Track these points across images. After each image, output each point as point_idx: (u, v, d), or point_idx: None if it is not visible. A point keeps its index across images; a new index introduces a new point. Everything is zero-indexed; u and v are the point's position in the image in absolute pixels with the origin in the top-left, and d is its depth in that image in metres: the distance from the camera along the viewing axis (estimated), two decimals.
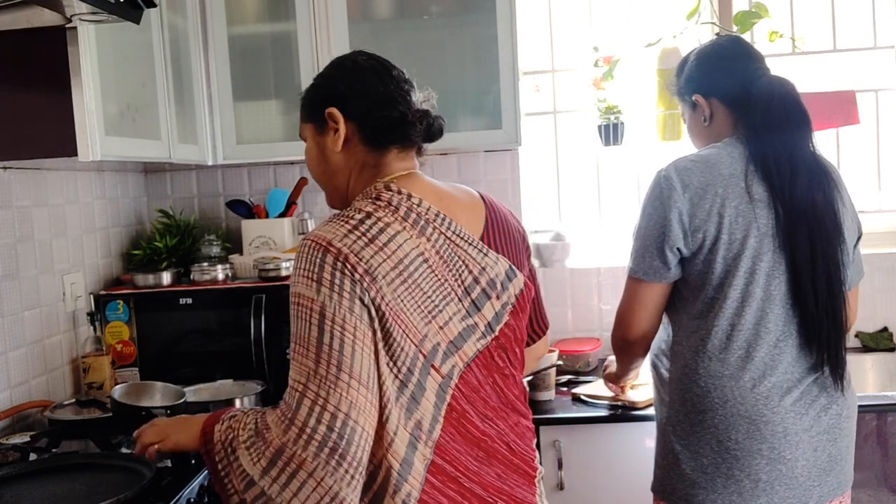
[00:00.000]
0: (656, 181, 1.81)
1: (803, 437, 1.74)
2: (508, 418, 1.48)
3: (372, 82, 1.49)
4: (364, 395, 1.29)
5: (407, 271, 1.35)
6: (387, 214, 1.38)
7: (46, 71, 1.87)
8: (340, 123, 1.48)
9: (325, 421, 1.27)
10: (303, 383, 1.30)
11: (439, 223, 1.42)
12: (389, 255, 1.34)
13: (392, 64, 1.54)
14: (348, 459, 1.28)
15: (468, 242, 1.44)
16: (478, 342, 1.43)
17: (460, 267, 1.42)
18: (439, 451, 1.37)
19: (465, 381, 1.41)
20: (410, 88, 1.52)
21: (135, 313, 2.53)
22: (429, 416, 1.36)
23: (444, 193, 1.49)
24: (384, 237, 1.35)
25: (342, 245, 1.33)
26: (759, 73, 1.88)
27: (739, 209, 1.74)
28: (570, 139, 3.14)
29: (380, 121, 1.47)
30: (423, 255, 1.38)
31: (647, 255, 1.80)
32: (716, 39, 2.06)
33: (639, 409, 2.33)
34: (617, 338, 1.93)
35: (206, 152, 2.65)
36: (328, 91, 1.51)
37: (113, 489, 1.62)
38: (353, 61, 1.53)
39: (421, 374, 1.35)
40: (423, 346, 1.35)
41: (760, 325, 1.74)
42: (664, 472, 1.84)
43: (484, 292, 1.44)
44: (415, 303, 1.35)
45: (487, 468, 1.43)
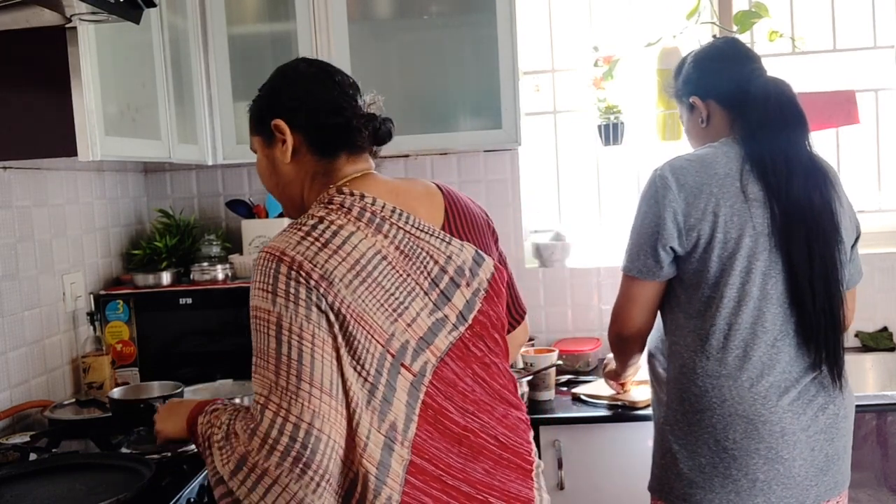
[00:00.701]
0: (652, 180, 1.82)
1: (801, 437, 1.74)
2: (494, 410, 1.46)
3: (315, 90, 1.48)
4: (328, 402, 1.28)
5: (365, 271, 1.34)
6: (339, 217, 1.38)
7: (46, 71, 1.87)
8: (287, 134, 1.47)
9: (288, 432, 1.26)
10: (265, 395, 1.29)
11: (396, 219, 1.41)
12: (345, 258, 1.33)
13: (336, 69, 1.53)
14: (313, 468, 1.27)
15: (429, 234, 1.43)
16: (450, 335, 1.41)
17: (424, 259, 1.41)
18: (417, 450, 1.35)
19: (440, 376, 1.39)
20: (356, 93, 1.50)
21: (135, 313, 2.53)
22: (402, 416, 1.34)
23: (400, 189, 1.48)
24: (338, 240, 1.34)
25: (295, 253, 1.32)
26: (755, 73, 1.88)
27: (734, 208, 1.75)
28: (570, 139, 3.14)
29: (326, 129, 1.46)
30: (381, 252, 1.37)
31: (642, 253, 1.80)
32: (712, 41, 2.07)
33: (639, 408, 2.34)
34: (612, 334, 1.94)
35: (205, 152, 2.65)
36: (272, 102, 1.50)
37: (113, 489, 1.63)
38: (295, 70, 1.52)
39: (390, 374, 1.34)
40: (390, 345, 1.34)
41: (757, 324, 1.75)
42: (662, 471, 1.84)
43: (452, 281, 1.43)
44: (377, 302, 1.34)
45: (474, 464, 1.41)
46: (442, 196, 1.52)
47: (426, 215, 1.46)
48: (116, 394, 2.10)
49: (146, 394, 2.10)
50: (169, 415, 1.58)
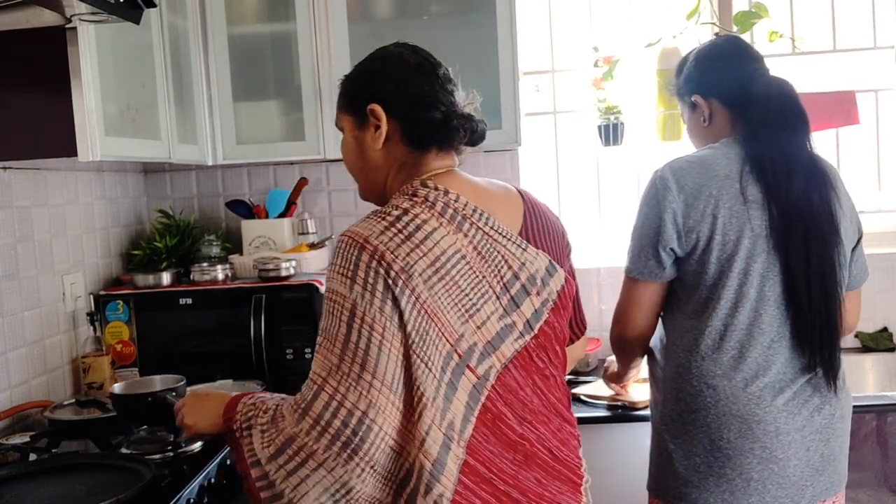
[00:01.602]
0: (652, 181, 1.82)
1: (795, 437, 1.74)
2: (550, 423, 1.44)
3: (417, 80, 1.45)
4: (386, 395, 1.29)
5: (444, 268, 1.33)
6: (423, 211, 1.36)
7: (46, 71, 1.87)
8: (383, 121, 1.44)
9: (341, 416, 1.28)
10: (322, 377, 1.30)
11: (476, 218, 1.39)
12: (426, 253, 1.32)
13: (437, 61, 1.50)
14: (360, 454, 1.28)
15: (506, 238, 1.41)
16: (516, 342, 1.39)
17: (499, 262, 1.39)
18: (471, 451, 1.34)
19: (503, 382, 1.38)
20: (454, 89, 1.48)
21: (135, 313, 2.53)
22: (460, 415, 1.33)
23: (482, 189, 1.46)
24: (420, 234, 1.33)
25: (378, 242, 1.31)
26: (757, 73, 1.88)
27: (733, 210, 1.74)
28: (570, 139, 3.14)
29: (423, 122, 1.44)
30: (461, 251, 1.35)
31: (643, 254, 1.80)
32: (714, 40, 2.07)
33: (638, 409, 2.33)
34: (615, 337, 1.94)
35: (205, 152, 2.65)
36: (371, 85, 1.46)
37: (113, 489, 1.62)
38: (399, 56, 1.47)
39: (454, 373, 1.33)
40: (458, 345, 1.33)
41: (754, 325, 1.75)
42: (659, 470, 1.84)
43: (524, 288, 1.41)
44: (452, 301, 1.33)
45: (526, 472, 1.39)
46: (522, 201, 1.50)
47: (505, 219, 1.44)
48: (118, 389, 2.03)
49: (147, 388, 2.04)
50: (198, 408, 1.55)
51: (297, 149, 2.71)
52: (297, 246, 2.85)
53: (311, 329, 2.48)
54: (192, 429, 1.56)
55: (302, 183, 2.94)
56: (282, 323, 2.48)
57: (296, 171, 3.02)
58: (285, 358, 2.48)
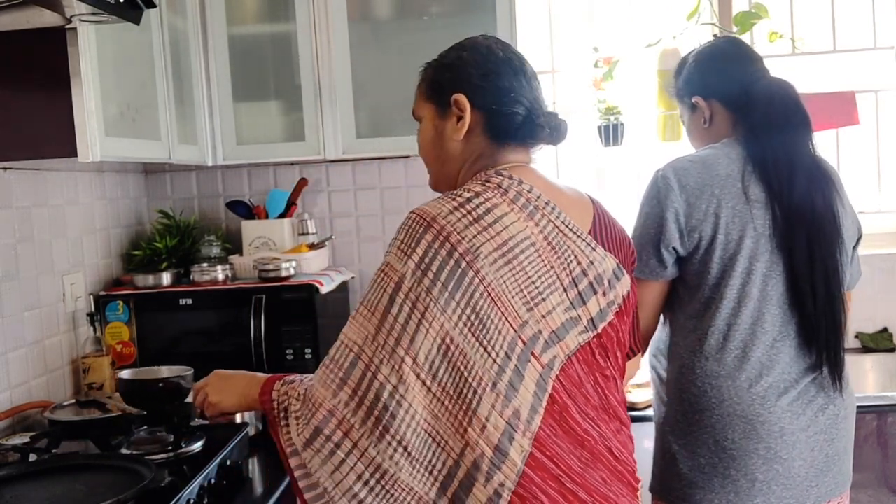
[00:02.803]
0: (654, 181, 1.81)
1: (800, 437, 1.74)
2: (611, 423, 1.40)
3: (505, 74, 1.44)
4: (416, 373, 1.27)
5: (512, 253, 1.31)
6: (495, 196, 1.34)
7: (46, 71, 1.87)
8: (467, 112, 1.43)
9: (375, 388, 1.27)
10: (359, 345, 1.29)
11: (549, 211, 1.37)
12: (494, 236, 1.30)
13: (520, 56, 1.49)
14: (391, 432, 1.26)
15: (577, 234, 1.39)
16: (580, 336, 1.36)
17: (569, 256, 1.36)
18: (539, 444, 1.30)
19: (567, 374, 1.34)
20: (538, 86, 1.48)
21: (135, 314, 2.53)
22: (527, 405, 1.29)
23: (555, 186, 1.45)
24: (490, 217, 1.31)
25: (446, 222, 1.30)
26: (758, 74, 1.88)
27: (736, 210, 1.74)
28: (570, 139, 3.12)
29: (507, 116, 1.43)
30: (531, 238, 1.33)
31: (644, 253, 1.80)
32: (714, 41, 2.07)
33: (638, 409, 2.33)
34: None
35: (205, 153, 2.65)
36: (458, 75, 1.44)
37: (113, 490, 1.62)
38: (489, 48, 1.46)
39: (519, 360, 1.29)
40: (522, 331, 1.30)
41: (757, 325, 1.75)
42: (662, 471, 1.84)
43: (591, 286, 1.38)
44: (518, 287, 1.30)
45: (593, 471, 1.35)
46: (592, 206, 1.49)
47: (576, 217, 1.42)
48: (127, 374, 2.01)
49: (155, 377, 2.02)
50: (225, 385, 1.54)
51: (298, 149, 2.71)
52: (297, 246, 2.85)
53: (310, 329, 2.48)
54: (216, 407, 1.55)
55: (302, 183, 2.94)
56: (282, 323, 2.48)
57: (296, 171, 3.02)
58: (285, 358, 2.48)
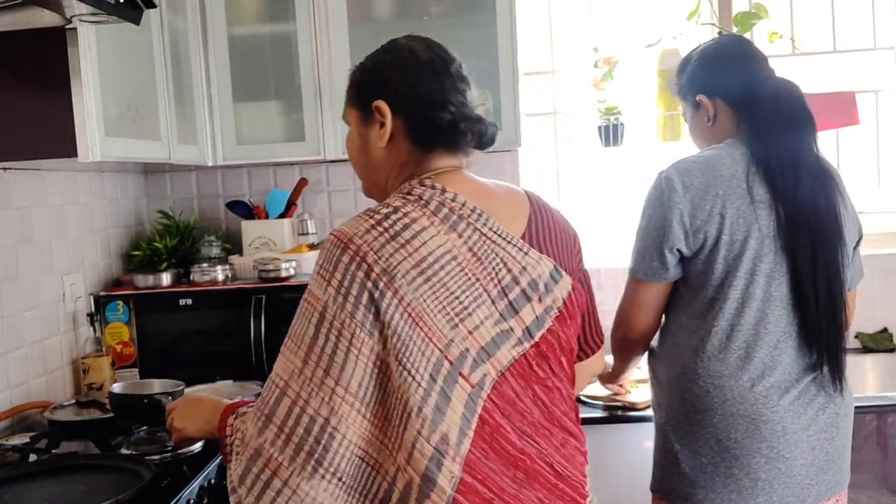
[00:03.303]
0: (657, 182, 1.81)
1: (802, 436, 1.74)
2: (553, 437, 1.36)
3: (427, 79, 1.38)
4: (350, 403, 1.23)
5: (431, 269, 1.26)
6: (414, 209, 1.30)
7: (46, 72, 1.87)
8: (388, 119, 1.38)
9: (304, 424, 1.22)
10: (285, 380, 1.26)
11: (474, 219, 1.33)
12: (412, 252, 1.26)
13: (451, 57, 1.42)
14: (325, 465, 1.22)
15: (507, 240, 1.34)
16: (513, 349, 1.31)
17: (497, 265, 1.32)
18: (469, 468, 1.25)
19: (500, 391, 1.29)
20: (467, 87, 1.41)
21: (135, 314, 2.53)
22: (456, 428, 1.25)
23: (485, 190, 1.41)
24: (408, 233, 1.27)
25: (362, 242, 1.26)
26: (763, 74, 1.87)
27: (740, 210, 1.74)
28: (570, 140, 3.14)
29: (430, 122, 1.38)
30: (452, 252, 1.29)
31: (648, 255, 1.80)
32: (718, 39, 2.05)
33: (638, 409, 2.33)
34: (618, 337, 1.93)
35: (205, 153, 2.65)
36: (379, 80, 1.40)
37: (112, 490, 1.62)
38: (412, 51, 1.41)
39: (446, 382, 1.25)
40: (448, 351, 1.25)
41: (760, 325, 1.74)
42: (663, 471, 1.84)
43: (524, 293, 1.33)
44: (440, 304, 1.26)
45: (528, 491, 1.30)
46: (528, 204, 1.44)
47: (507, 221, 1.37)
48: (117, 388, 2.05)
49: (146, 390, 2.05)
50: (190, 412, 1.54)
51: (297, 149, 2.71)
52: (297, 246, 2.85)
53: None
54: (180, 432, 1.55)
55: (302, 183, 2.94)
56: (282, 324, 2.48)
57: (296, 171, 3.02)
58: None
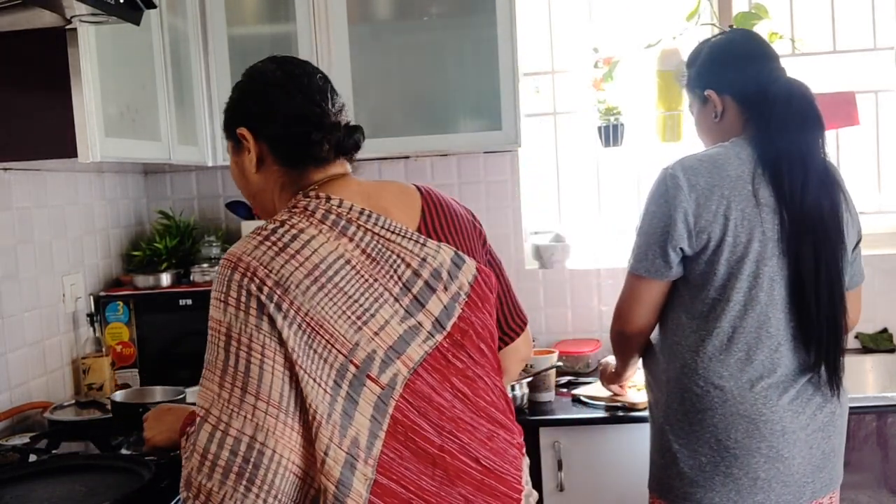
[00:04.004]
0: (662, 179, 1.78)
1: (800, 436, 1.74)
2: (477, 430, 1.34)
3: (277, 98, 1.39)
4: (274, 415, 1.21)
5: (325, 276, 1.26)
6: (301, 220, 1.31)
7: (46, 72, 1.87)
8: (251, 144, 1.40)
9: (228, 445, 1.20)
10: (206, 408, 1.24)
11: (364, 220, 1.33)
12: (302, 262, 1.26)
13: (304, 70, 1.43)
14: (258, 483, 1.20)
15: (401, 235, 1.35)
16: (424, 343, 1.31)
17: (395, 262, 1.32)
18: (383, 469, 1.25)
19: (413, 389, 1.29)
20: (323, 98, 1.40)
21: (135, 314, 2.53)
22: (365, 431, 1.25)
23: (372, 191, 1.40)
24: (297, 244, 1.27)
25: (251, 259, 1.25)
26: (775, 73, 1.86)
27: (745, 212, 1.73)
28: (569, 140, 3.14)
29: (288, 140, 1.38)
30: (345, 256, 1.29)
31: (650, 252, 1.79)
32: (730, 34, 2.00)
33: (638, 409, 2.33)
34: (615, 332, 1.93)
35: (205, 153, 2.65)
36: (238, 108, 1.43)
37: (112, 490, 1.63)
38: (261, 73, 1.43)
39: (351, 386, 1.25)
40: (353, 355, 1.25)
41: (762, 329, 1.74)
42: (662, 470, 1.84)
43: (427, 285, 1.33)
44: (339, 309, 1.26)
45: (450, 488, 1.29)
46: (420, 196, 1.44)
47: (400, 216, 1.38)
48: (119, 397, 2.10)
49: (148, 398, 2.10)
50: (157, 422, 1.56)
51: None
52: None
53: None
54: (149, 441, 1.56)
55: None
56: None
57: None
58: None
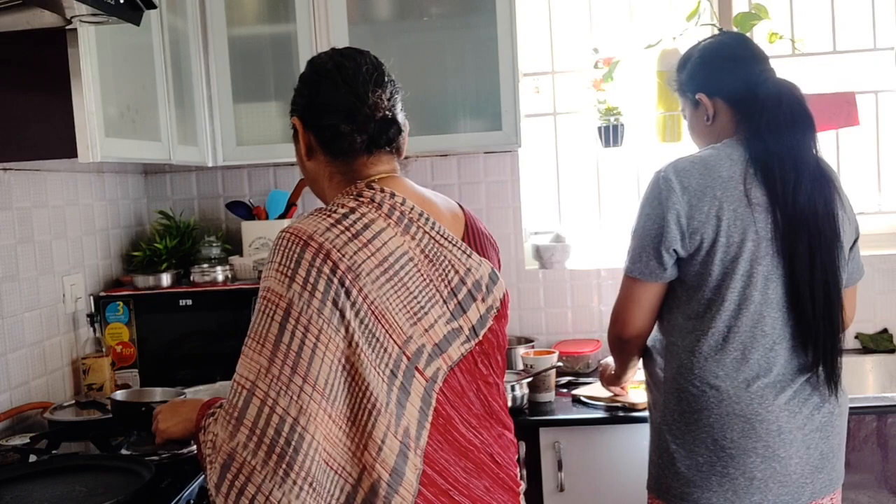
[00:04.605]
0: (655, 182, 1.80)
1: (797, 436, 1.74)
2: (492, 429, 1.42)
3: (324, 88, 1.42)
4: (318, 402, 1.22)
5: (392, 269, 1.30)
6: (370, 211, 1.33)
7: (46, 72, 1.87)
8: (300, 133, 1.45)
9: (274, 424, 1.21)
10: (251, 381, 1.24)
11: (423, 223, 1.37)
12: (374, 252, 1.29)
13: (354, 60, 1.44)
14: (295, 469, 1.21)
15: (452, 243, 1.40)
16: (462, 346, 1.37)
17: (447, 267, 1.37)
18: (428, 460, 1.30)
19: (450, 385, 1.35)
20: (366, 90, 1.41)
21: (135, 315, 2.53)
22: (415, 421, 1.29)
23: (425, 196, 1.45)
24: (369, 233, 1.30)
25: (324, 239, 1.27)
26: (764, 75, 1.86)
27: (737, 213, 1.74)
28: (569, 140, 3.14)
29: (327, 130, 1.42)
30: (409, 254, 1.32)
31: (644, 255, 1.80)
32: (720, 37, 2.02)
33: (638, 410, 2.33)
34: (613, 336, 1.94)
35: (206, 154, 2.65)
36: (295, 98, 1.48)
37: (112, 491, 1.63)
38: (316, 63, 1.46)
39: (405, 376, 1.29)
40: (407, 347, 1.29)
41: (757, 328, 1.74)
42: (660, 470, 1.84)
43: (470, 294, 1.39)
44: (400, 302, 1.29)
45: (476, 480, 1.36)
46: (463, 213, 1.50)
47: (449, 226, 1.43)
48: (119, 396, 2.11)
49: (148, 398, 2.10)
50: (173, 414, 1.56)
51: None
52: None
53: None
54: (163, 433, 1.56)
55: (302, 184, 2.93)
56: None
57: (296, 172, 3.01)
58: None
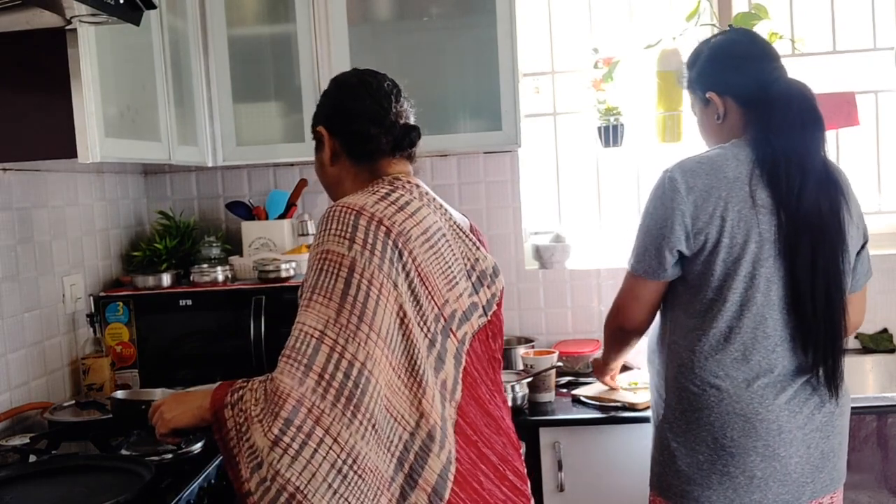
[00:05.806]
0: (661, 181, 1.80)
1: (797, 435, 1.75)
2: (500, 395, 1.58)
3: (349, 99, 1.60)
4: (381, 349, 1.33)
5: (432, 239, 1.46)
6: (405, 193, 1.50)
7: (46, 73, 1.87)
8: (326, 139, 1.61)
9: (343, 368, 1.30)
10: (320, 330, 1.33)
11: (443, 213, 1.55)
12: (418, 223, 1.45)
13: (375, 77, 1.63)
14: (362, 410, 1.30)
15: (465, 235, 1.57)
16: (479, 318, 1.53)
17: (465, 250, 1.55)
18: (461, 412, 1.44)
19: (473, 348, 1.50)
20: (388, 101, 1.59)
21: (134, 315, 2.53)
22: (451, 376, 1.43)
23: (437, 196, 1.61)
24: (410, 208, 1.47)
25: (375, 210, 1.41)
26: (776, 73, 1.85)
27: (741, 214, 1.74)
28: (569, 141, 3.14)
29: (353, 135, 1.58)
30: (442, 230, 1.50)
31: (647, 254, 1.80)
32: (730, 33, 1.98)
33: (638, 410, 2.34)
34: (613, 327, 1.95)
35: (205, 154, 2.65)
36: (319, 110, 1.65)
37: (112, 491, 1.62)
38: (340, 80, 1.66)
39: (443, 334, 1.43)
40: (444, 309, 1.44)
41: (759, 329, 1.75)
42: (661, 468, 1.85)
43: (479, 279, 1.56)
44: (440, 269, 1.45)
45: (496, 437, 1.51)
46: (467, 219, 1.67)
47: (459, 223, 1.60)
48: (120, 395, 2.12)
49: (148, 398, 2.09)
50: (178, 404, 1.55)
51: (297, 150, 2.71)
52: (297, 247, 2.85)
53: None
54: (169, 423, 1.54)
55: (302, 184, 2.94)
56: (282, 324, 2.48)
57: (296, 172, 3.02)
58: None
